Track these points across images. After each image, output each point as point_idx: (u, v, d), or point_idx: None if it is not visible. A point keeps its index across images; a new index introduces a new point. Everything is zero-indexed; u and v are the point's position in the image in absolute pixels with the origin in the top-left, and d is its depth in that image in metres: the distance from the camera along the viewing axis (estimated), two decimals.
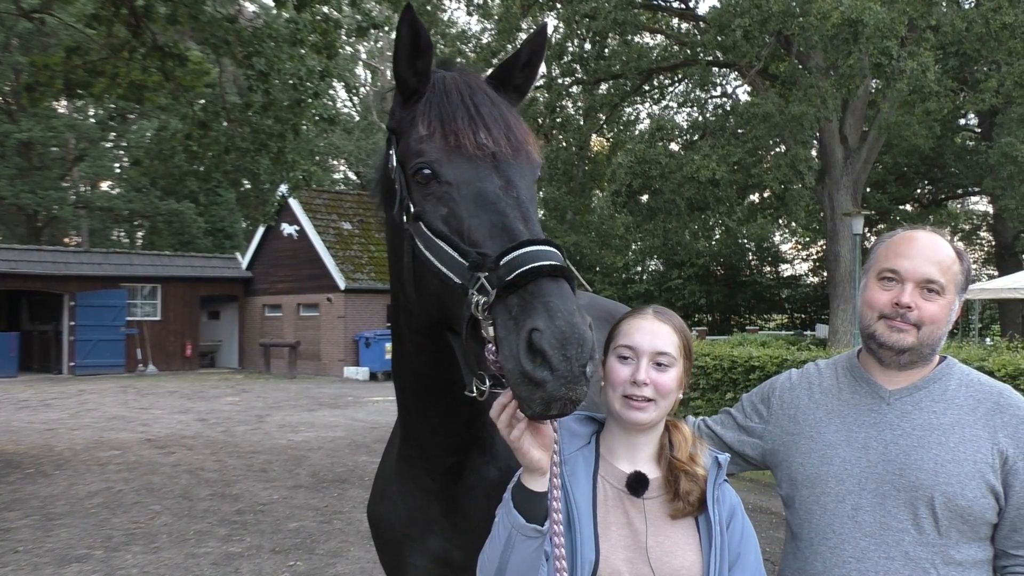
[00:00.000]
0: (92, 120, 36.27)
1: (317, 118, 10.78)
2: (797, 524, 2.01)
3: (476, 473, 1.99)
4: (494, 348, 1.44)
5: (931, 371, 1.96)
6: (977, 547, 1.83)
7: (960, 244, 1.97)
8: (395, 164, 1.74)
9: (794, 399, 2.09)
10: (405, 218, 1.68)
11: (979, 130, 27.62)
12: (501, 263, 1.47)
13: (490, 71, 1.91)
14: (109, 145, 37.99)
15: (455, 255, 1.56)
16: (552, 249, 1.49)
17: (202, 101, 12.50)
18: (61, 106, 33.99)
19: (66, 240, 40.38)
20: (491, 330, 1.45)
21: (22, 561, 6.45)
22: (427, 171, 1.66)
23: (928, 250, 1.91)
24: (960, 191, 31.09)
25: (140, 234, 43.92)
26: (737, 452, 2.16)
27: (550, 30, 31.47)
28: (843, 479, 1.91)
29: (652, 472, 1.80)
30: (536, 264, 1.45)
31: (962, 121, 28.46)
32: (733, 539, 1.75)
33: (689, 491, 1.74)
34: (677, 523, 1.74)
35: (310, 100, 10.64)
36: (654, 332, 1.79)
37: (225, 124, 11.60)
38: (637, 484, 1.77)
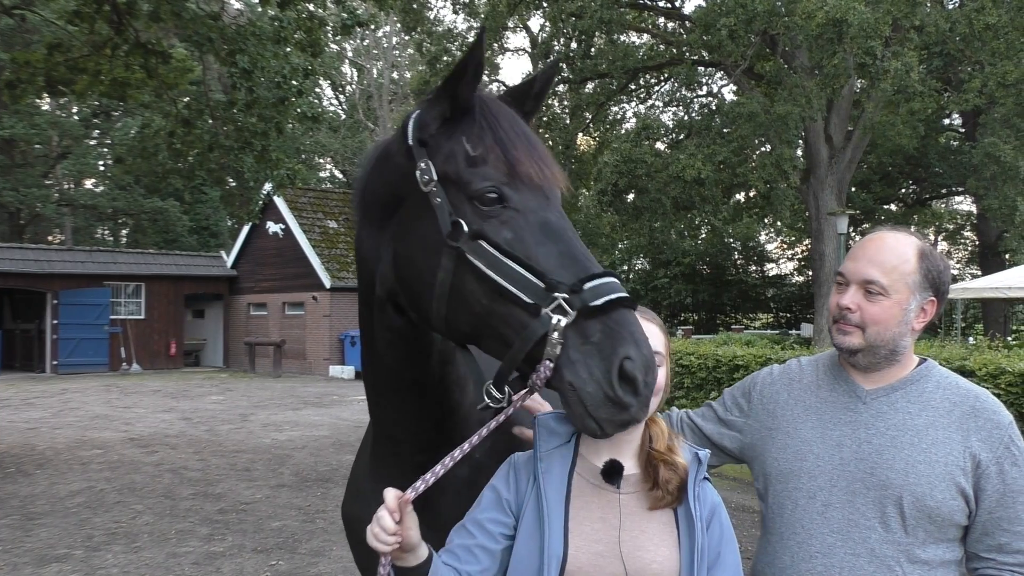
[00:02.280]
0: (76, 118, 36.00)
1: (301, 116, 10.73)
2: (770, 518, 2.02)
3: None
4: (551, 366, 1.55)
5: (909, 372, 1.97)
6: (944, 548, 1.84)
7: (927, 244, 1.97)
8: (434, 178, 1.73)
9: (774, 394, 2.11)
10: (455, 236, 1.69)
11: (963, 130, 27.82)
12: (585, 288, 1.56)
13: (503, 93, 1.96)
14: (93, 143, 37.74)
15: (529, 276, 1.62)
16: (620, 282, 1.62)
17: (186, 99, 12.44)
18: (44, 103, 33.72)
19: (50, 238, 40.09)
20: (558, 349, 1.54)
21: (1, 561, 6.39)
22: (493, 194, 1.69)
23: (873, 252, 1.93)
24: (944, 191, 31.32)
25: (125, 232, 43.64)
26: (716, 444, 2.17)
27: (535, 28, 31.51)
28: (815, 475, 1.93)
29: (632, 468, 1.79)
30: (620, 295, 1.56)
31: (946, 121, 28.66)
32: (713, 539, 1.73)
33: (669, 479, 1.73)
34: (653, 518, 1.73)
35: (294, 98, 10.59)
36: (646, 334, 1.79)
37: (210, 122, 11.54)
38: (612, 472, 1.76)
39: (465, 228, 1.68)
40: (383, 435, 2.08)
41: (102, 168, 37.49)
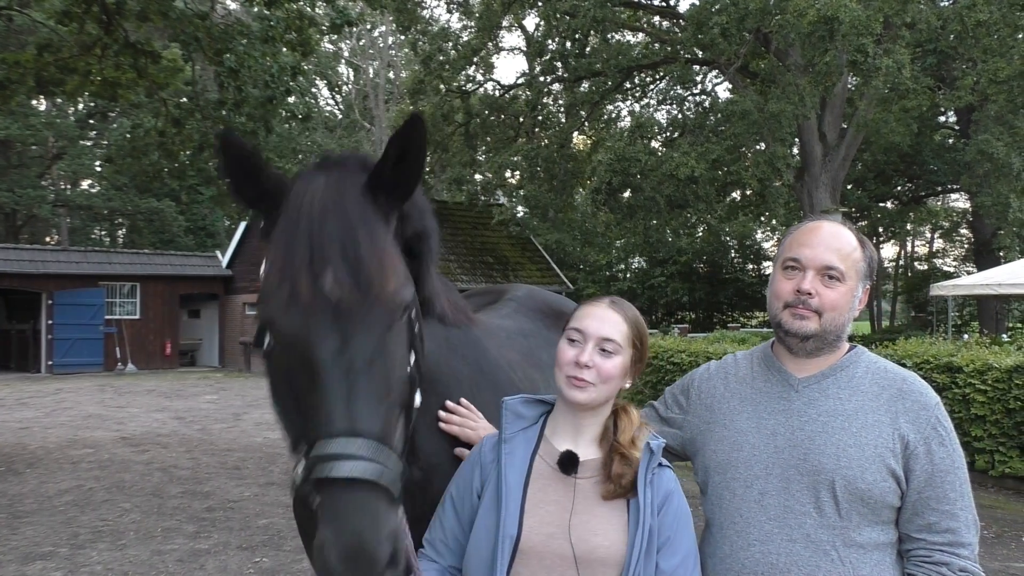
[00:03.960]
0: (71, 118, 36.00)
1: (289, 115, 10.75)
2: (710, 510, 2.05)
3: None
4: None
5: (839, 359, 2.00)
6: (880, 530, 1.87)
7: (861, 235, 2.01)
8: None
9: (711, 389, 2.14)
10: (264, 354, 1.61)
11: (957, 127, 27.83)
12: (311, 455, 1.44)
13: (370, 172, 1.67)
14: (88, 143, 37.75)
15: (283, 424, 1.57)
16: (360, 452, 1.42)
17: (182, 99, 12.44)
18: (40, 104, 33.74)
19: (47, 239, 40.09)
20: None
21: None
22: (268, 325, 1.55)
23: (828, 238, 1.96)
24: (939, 188, 31.31)
25: (121, 233, 43.66)
26: None
27: (531, 27, 31.48)
28: (751, 464, 1.96)
29: (593, 453, 1.84)
30: (332, 475, 1.40)
31: (941, 119, 28.68)
32: (665, 523, 1.78)
33: (622, 474, 1.78)
34: (606, 504, 1.78)
35: (282, 97, 10.62)
36: (603, 319, 1.85)
37: (199, 120, 11.55)
38: (568, 463, 1.82)
39: (263, 347, 1.62)
40: None
41: (98, 169, 37.52)
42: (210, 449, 11.48)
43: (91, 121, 37.79)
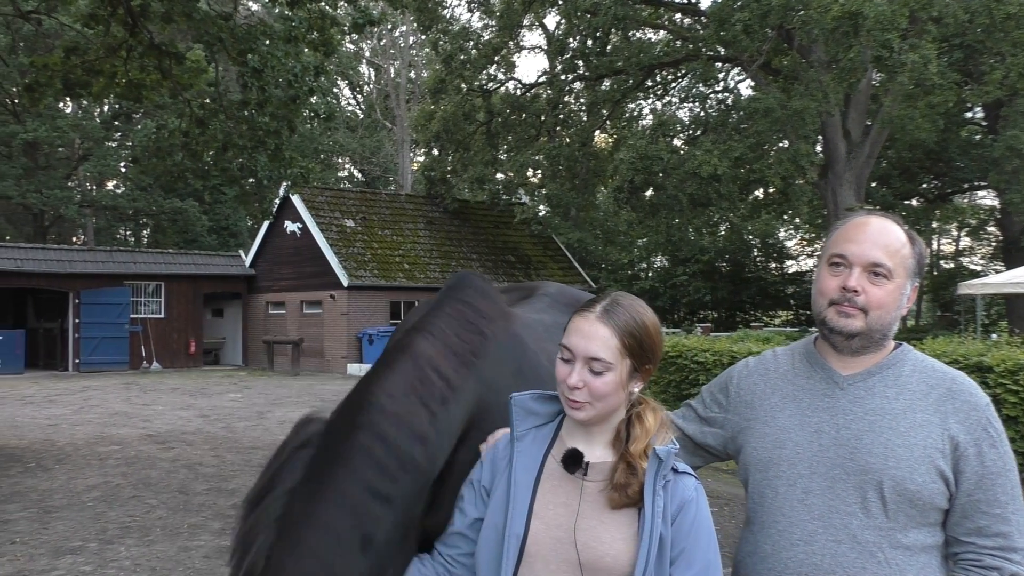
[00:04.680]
0: (96, 120, 36.42)
1: (313, 115, 10.79)
2: (751, 508, 2.01)
3: None
4: None
5: (885, 357, 1.95)
6: (927, 532, 1.83)
7: (910, 230, 1.95)
8: None
9: (751, 386, 2.09)
10: None
11: (985, 123, 27.45)
12: None
13: None
14: (114, 144, 38.17)
15: None
16: None
17: (206, 100, 12.54)
18: (67, 106, 34.16)
19: (73, 239, 40.58)
20: None
21: (18, 552, 6.49)
22: None
23: (876, 234, 1.90)
24: (966, 185, 30.90)
25: (145, 233, 44.12)
26: (700, 444, 2.15)
27: (552, 25, 31.41)
28: (795, 463, 1.92)
29: (606, 456, 1.77)
30: None
31: (968, 114, 28.31)
32: (679, 534, 1.69)
33: (626, 484, 1.70)
34: (616, 511, 1.71)
35: (305, 97, 10.67)
36: (589, 336, 1.73)
37: (223, 120, 11.63)
38: (571, 461, 1.75)
39: None
40: None
41: (123, 169, 37.93)
42: (234, 447, 11.56)
43: (116, 123, 38.22)
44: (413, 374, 1.89)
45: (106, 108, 36.51)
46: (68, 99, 26.26)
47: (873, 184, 28.42)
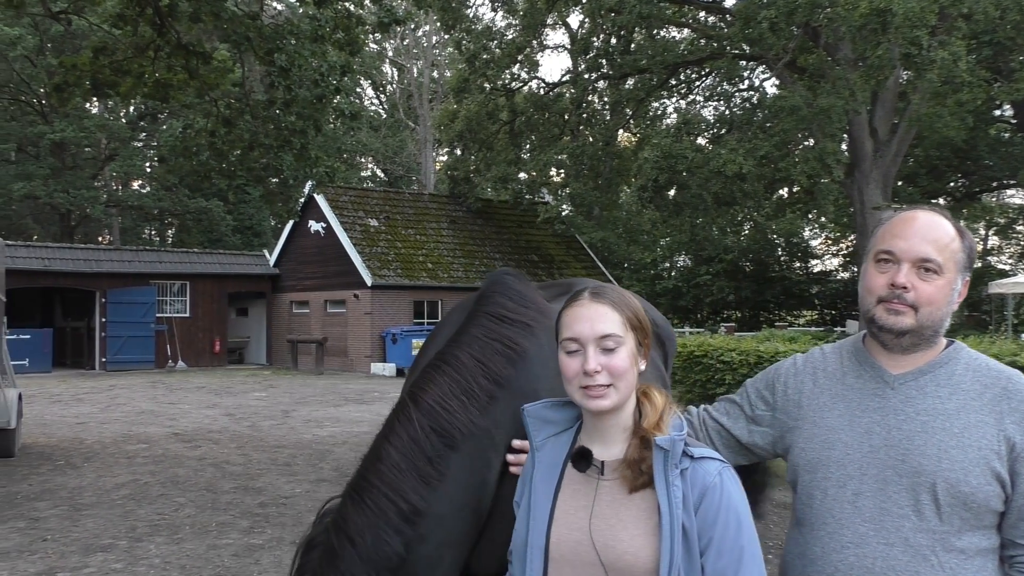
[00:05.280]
0: (123, 120, 36.80)
1: (338, 114, 10.82)
2: (800, 510, 1.97)
3: None
4: None
5: (937, 355, 1.89)
6: (981, 535, 1.78)
7: (959, 224, 1.90)
8: None
9: (799, 384, 2.04)
10: None
11: (1015, 121, 27.05)
12: None
13: None
14: (140, 144, 38.56)
15: None
16: None
17: (232, 100, 12.61)
18: (93, 106, 34.53)
19: (100, 239, 41.03)
20: None
21: (49, 549, 6.55)
22: None
23: (924, 229, 1.85)
24: (995, 184, 30.47)
25: (170, 232, 44.53)
26: (747, 445, 2.10)
27: (575, 24, 31.32)
28: (845, 464, 1.87)
29: (620, 453, 1.72)
30: None
31: (997, 112, 27.90)
32: (705, 522, 1.61)
33: (641, 458, 1.66)
34: (632, 504, 1.66)
35: (332, 96, 10.70)
36: (593, 317, 1.71)
37: (249, 120, 11.69)
38: (579, 459, 1.72)
39: None
40: None
41: (148, 170, 38.30)
42: (260, 445, 11.62)
43: (142, 123, 38.60)
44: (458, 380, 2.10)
45: (132, 108, 36.86)
46: (95, 99, 26.50)
47: (900, 183, 28.07)
